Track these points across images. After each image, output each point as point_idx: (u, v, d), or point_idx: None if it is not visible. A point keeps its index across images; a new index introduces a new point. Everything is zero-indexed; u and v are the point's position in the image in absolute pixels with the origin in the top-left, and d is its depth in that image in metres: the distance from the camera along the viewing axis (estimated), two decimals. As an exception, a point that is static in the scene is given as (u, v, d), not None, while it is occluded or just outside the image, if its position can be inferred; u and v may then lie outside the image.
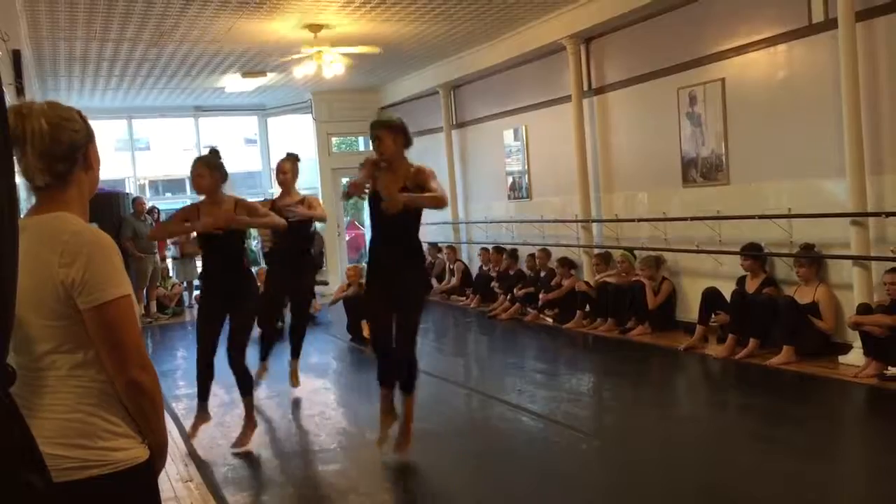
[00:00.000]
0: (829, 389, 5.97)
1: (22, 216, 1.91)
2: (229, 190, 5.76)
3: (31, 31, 8.28)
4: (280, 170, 6.74)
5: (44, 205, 1.90)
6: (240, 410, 6.10)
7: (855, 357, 6.18)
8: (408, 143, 4.76)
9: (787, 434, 5.06)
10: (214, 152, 5.58)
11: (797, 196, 6.95)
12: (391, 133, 4.66)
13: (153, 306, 11.91)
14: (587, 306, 8.92)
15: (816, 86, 6.72)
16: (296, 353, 6.99)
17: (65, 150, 1.87)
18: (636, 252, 8.72)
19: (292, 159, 6.74)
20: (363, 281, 5.85)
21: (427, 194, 4.56)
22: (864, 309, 6.01)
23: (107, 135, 17.00)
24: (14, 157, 1.85)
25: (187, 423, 6.01)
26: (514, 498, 4.24)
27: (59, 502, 1.72)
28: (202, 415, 5.63)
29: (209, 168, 5.42)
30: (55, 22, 8.04)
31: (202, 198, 5.51)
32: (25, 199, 2.03)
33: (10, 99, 5.50)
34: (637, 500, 4.16)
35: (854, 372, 5.97)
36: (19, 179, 1.81)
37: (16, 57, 6.17)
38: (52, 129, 1.85)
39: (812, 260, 6.70)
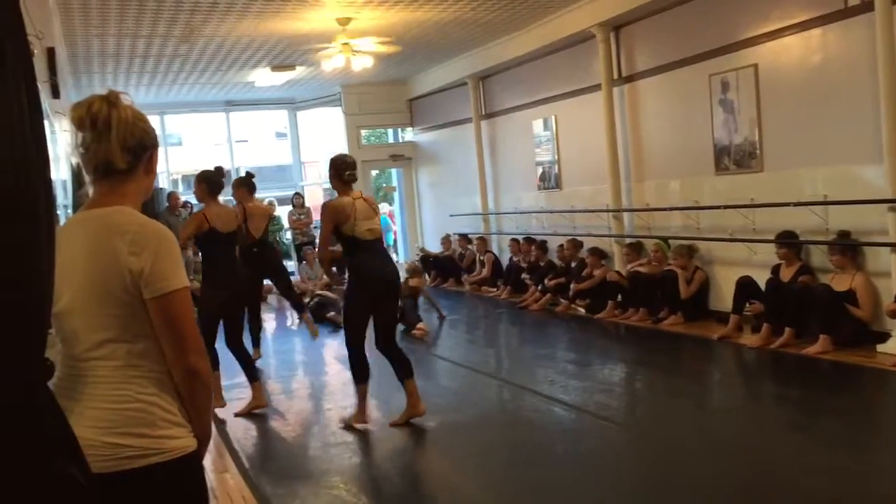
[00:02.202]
0: (867, 379, 5.88)
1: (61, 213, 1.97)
2: (260, 182, 6.09)
3: (65, 29, 8.40)
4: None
5: (103, 197, 1.97)
6: (274, 402, 6.16)
7: (893, 345, 6.08)
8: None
9: (825, 424, 4.99)
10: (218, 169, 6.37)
11: (833, 182, 6.83)
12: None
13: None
14: (619, 296, 8.86)
15: (852, 70, 6.59)
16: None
17: (135, 144, 1.96)
18: (669, 241, 8.65)
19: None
20: None
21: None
22: (902, 297, 5.90)
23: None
24: (84, 145, 1.94)
25: (222, 415, 6.08)
26: (547, 489, 4.23)
27: (117, 491, 1.79)
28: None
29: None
30: (88, 19, 8.14)
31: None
32: (62, 195, 2.07)
33: (44, 97, 5.57)
34: (671, 491, 4.13)
35: (893, 361, 5.86)
36: (56, 174, 1.84)
37: (50, 55, 6.24)
38: (133, 120, 1.97)
39: (846, 247, 6.59)
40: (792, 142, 7.21)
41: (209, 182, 6.01)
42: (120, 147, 1.92)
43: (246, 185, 7.57)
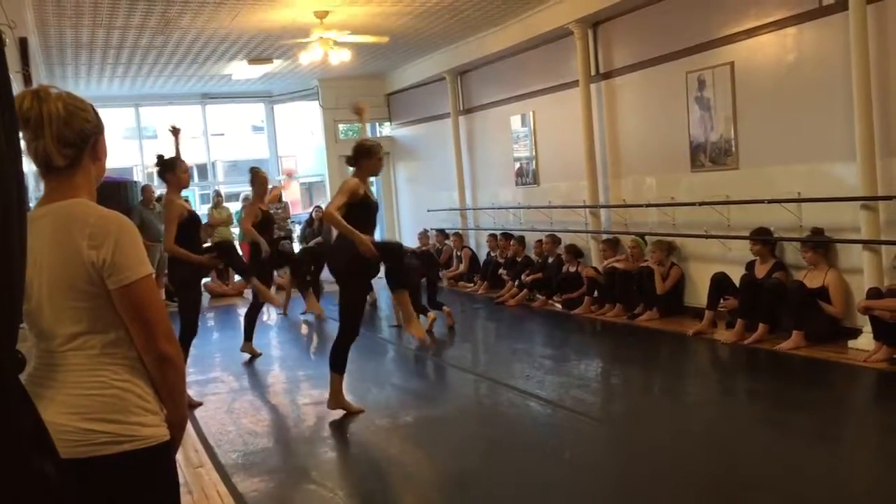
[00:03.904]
0: (838, 374, 5.95)
1: (33, 205, 1.95)
2: (237, 176, 6.11)
3: (38, 19, 8.27)
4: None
5: (55, 191, 1.95)
6: (250, 397, 6.15)
7: (865, 342, 6.16)
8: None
9: (796, 419, 5.05)
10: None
11: (807, 180, 6.90)
12: None
13: (161, 294, 11.94)
14: (595, 292, 8.90)
15: (827, 69, 6.67)
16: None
17: (75, 136, 1.93)
18: (646, 238, 8.70)
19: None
20: None
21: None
22: (874, 293, 5.98)
23: (114, 123, 17.04)
24: (25, 141, 1.90)
25: (198, 410, 6.05)
26: (522, 483, 4.25)
27: (89, 477, 1.79)
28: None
29: None
30: (62, 9, 8.03)
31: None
32: (34, 186, 2.05)
33: (17, 87, 5.50)
34: (646, 485, 4.16)
35: (864, 356, 5.95)
36: (28, 166, 1.82)
37: (23, 45, 6.17)
38: (67, 114, 1.91)
39: (819, 244, 6.67)
40: (767, 139, 7.28)
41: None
42: (56, 143, 1.89)
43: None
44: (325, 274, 10.63)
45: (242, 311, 11.58)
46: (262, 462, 4.93)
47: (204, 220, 11.77)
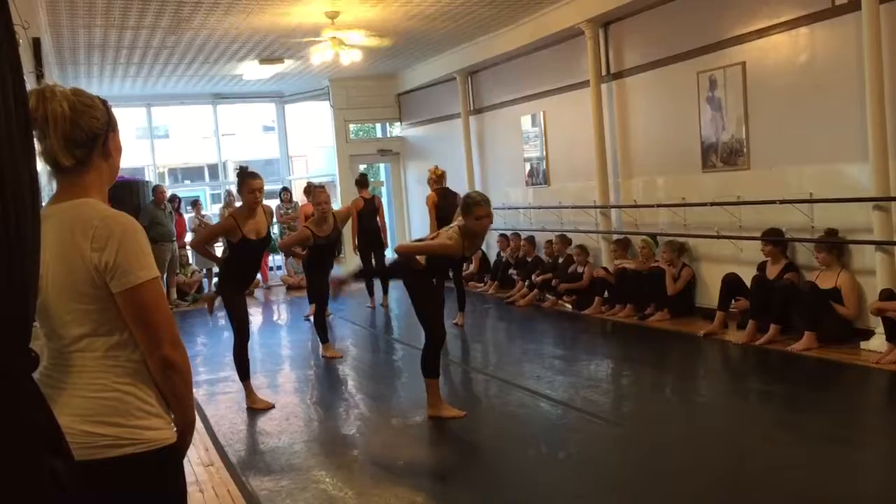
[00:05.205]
0: (850, 376, 5.92)
1: (43, 205, 1.95)
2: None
3: (51, 19, 8.32)
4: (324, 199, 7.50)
5: (65, 191, 1.93)
6: (261, 396, 6.17)
7: (877, 343, 6.12)
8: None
9: (807, 420, 5.03)
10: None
11: (819, 181, 6.87)
12: None
13: (173, 293, 11.99)
14: (606, 292, 8.88)
15: (839, 69, 6.63)
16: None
17: (84, 135, 1.90)
18: (657, 238, 8.67)
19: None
20: None
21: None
22: (886, 295, 5.95)
23: (126, 123, 17.11)
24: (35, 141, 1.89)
25: (209, 409, 6.08)
26: (533, 483, 4.24)
27: (91, 480, 1.76)
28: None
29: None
30: (74, 9, 8.08)
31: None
32: (46, 184, 2.05)
33: (30, 87, 5.52)
34: (656, 486, 4.15)
35: (876, 358, 5.91)
36: (40, 165, 1.83)
37: (35, 45, 6.21)
38: (73, 113, 1.88)
39: (832, 245, 6.63)
40: (778, 140, 7.25)
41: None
42: (64, 144, 1.87)
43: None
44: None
45: (253, 310, 11.65)
46: (272, 461, 4.94)
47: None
